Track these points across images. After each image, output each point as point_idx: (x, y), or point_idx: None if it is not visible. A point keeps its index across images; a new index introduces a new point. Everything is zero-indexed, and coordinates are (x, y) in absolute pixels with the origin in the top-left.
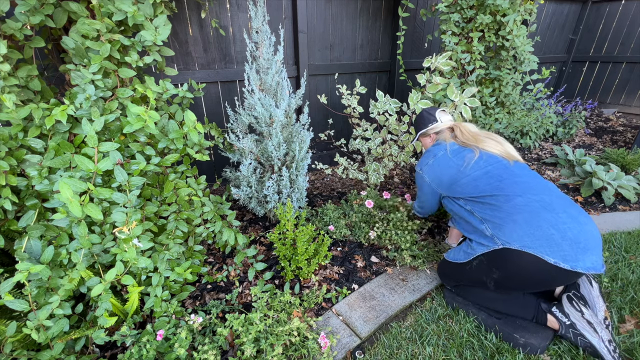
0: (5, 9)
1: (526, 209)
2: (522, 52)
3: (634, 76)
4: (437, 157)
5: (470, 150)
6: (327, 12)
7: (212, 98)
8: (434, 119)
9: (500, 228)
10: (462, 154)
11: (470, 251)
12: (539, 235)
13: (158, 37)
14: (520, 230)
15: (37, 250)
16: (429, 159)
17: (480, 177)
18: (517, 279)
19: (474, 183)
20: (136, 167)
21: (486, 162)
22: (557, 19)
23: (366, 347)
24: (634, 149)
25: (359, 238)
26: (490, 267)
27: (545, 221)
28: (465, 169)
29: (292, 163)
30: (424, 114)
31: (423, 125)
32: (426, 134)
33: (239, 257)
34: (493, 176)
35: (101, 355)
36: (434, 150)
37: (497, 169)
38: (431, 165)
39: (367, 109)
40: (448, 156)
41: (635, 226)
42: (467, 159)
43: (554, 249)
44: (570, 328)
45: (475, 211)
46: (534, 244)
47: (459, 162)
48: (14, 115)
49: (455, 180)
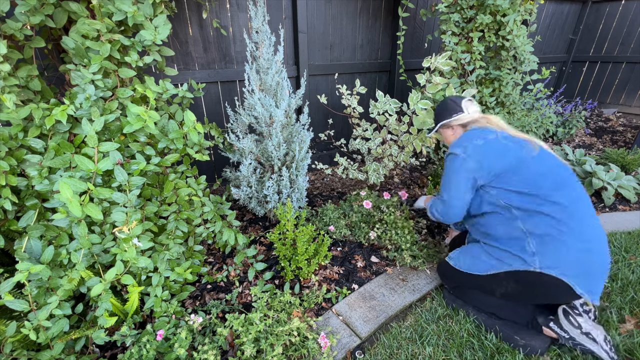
0: (5, 9)
1: (585, 235)
2: (522, 52)
3: (634, 76)
4: (488, 140)
5: (525, 140)
6: (327, 12)
7: (212, 98)
8: (460, 109)
9: (547, 246)
10: (517, 139)
11: (496, 265)
12: (584, 268)
13: (158, 37)
14: (570, 257)
15: (37, 250)
16: (475, 140)
17: (545, 174)
18: (533, 296)
19: (535, 178)
20: (136, 167)
21: (549, 160)
22: (557, 19)
23: (366, 347)
24: (634, 149)
25: (359, 238)
26: (509, 280)
27: (597, 255)
28: (526, 159)
29: (292, 163)
30: (449, 102)
31: (446, 115)
32: (448, 125)
33: (239, 257)
34: (558, 179)
35: (101, 355)
36: (481, 133)
37: (561, 172)
38: (480, 146)
39: (367, 109)
40: (500, 140)
41: (635, 226)
42: (527, 150)
43: (588, 281)
44: (569, 340)
45: (523, 220)
46: (572, 273)
47: (517, 147)
48: (14, 115)
49: (513, 168)
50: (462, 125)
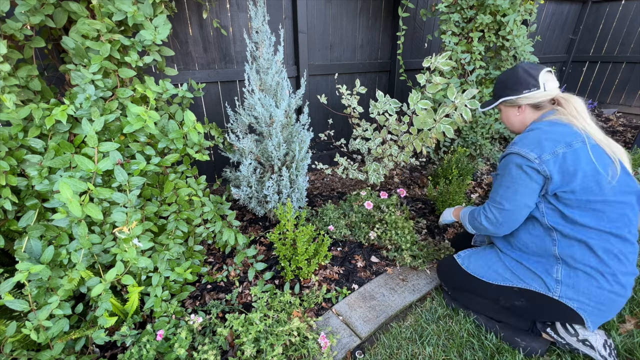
0: (5, 9)
1: (621, 279)
2: (522, 52)
3: (634, 76)
4: (574, 149)
5: (607, 154)
6: (327, 12)
7: (212, 98)
8: (535, 83)
9: (576, 278)
10: (604, 157)
11: (510, 278)
12: (606, 306)
13: (158, 37)
14: (594, 297)
15: (37, 250)
16: (557, 146)
17: (611, 207)
18: (538, 315)
19: (601, 206)
20: (136, 167)
21: (625, 191)
22: (557, 19)
23: (366, 347)
24: (633, 149)
25: (359, 238)
26: (521, 297)
27: (624, 298)
28: (606, 186)
29: (292, 163)
30: (520, 72)
31: (514, 90)
32: (514, 103)
33: (239, 257)
34: (619, 212)
35: (101, 355)
36: (565, 134)
37: (629, 207)
38: (561, 157)
39: (367, 109)
40: (588, 151)
41: None
42: (612, 171)
43: (601, 318)
44: (566, 345)
45: (559, 244)
46: (590, 309)
47: (601, 167)
48: (14, 115)
49: (583, 191)
50: (534, 106)
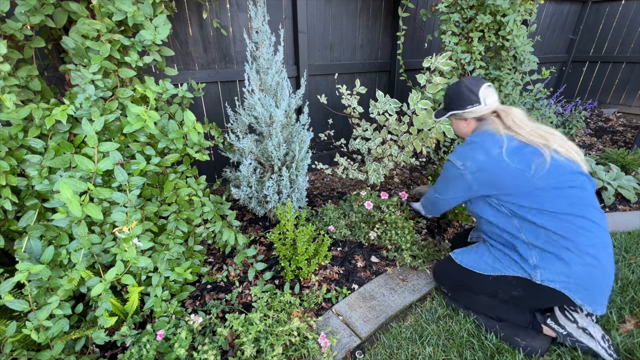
0: (5, 9)
1: (589, 250)
2: (522, 52)
3: (634, 76)
4: (492, 156)
5: (535, 149)
6: (327, 12)
7: (212, 98)
8: (476, 99)
9: (550, 262)
10: (526, 155)
11: (498, 267)
12: (586, 282)
13: (158, 37)
14: (571, 273)
15: (37, 250)
16: (477, 153)
17: (549, 192)
18: (535, 303)
19: (539, 195)
20: (136, 167)
21: (558, 173)
22: (557, 19)
23: (366, 347)
24: (634, 149)
25: (359, 238)
26: (516, 286)
27: (599, 269)
28: (532, 178)
29: (292, 163)
30: (463, 89)
31: (459, 105)
32: (461, 117)
33: (239, 257)
34: (564, 195)
35: (101, 355)
36: (485, 142)
37: (569, 187)
38: (481, 163)
39: (367, 109)
40: (505, 158)
41: (635, 226)
42: (536, 164)
43: (589, 294)
44: (567, 337)
45: (524, 231)
46: (575, 288)
47: (522, 166)
48: (14, 115)
49: (516, 188)
50: (477, 119)
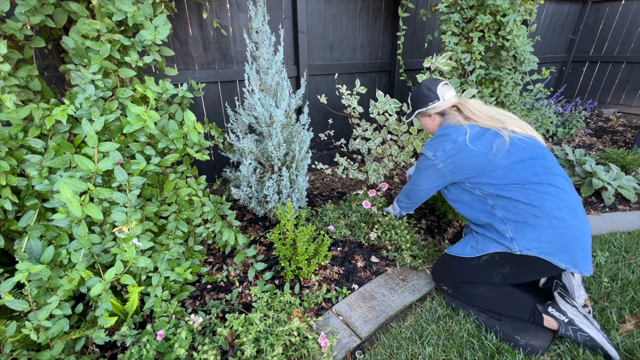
0: (6, 9)
1: (556, 213)
2: (522, 52)
3: (634, 76)
4: (458, 144)
5: (495, 132)
6: (327, 12)
7: (212, 98)
8: (435, 96)
9: (523, 231)
10: (487, 138)
11: (480, 247)
12: (559, 243)
13: (158, 37)
14: (543, 237)
15: (37, 250)
16: (445, 144)
17: (512, 167)
18: (526, 275)
19: (504, 172)
20: (136, 167)
21: (518, 149)
22: (557, 19)
23: (366, 347)
24: (634, 149)
25: (359, 238)
26: (502, 263)
27: (570, 229)
28: (495, 158)
29: (292, 163)
30: (423, 89)
31: (422, 104)
32: (426, 114)
33: (239, 257)
34: (527, 167)
35: (101, 355)
36: (451, 133)
37: (530, 159)
38: (449, 151)
39: (367, 109)
40: (469, 145)
41: (635, 226)
42: (497, 145)
43: (568, 256)
44: (569, 325)
45: (498, 208)
46: (551, 251)
47: (484, 149)
48: (14, 115)
49: (482, 169)
50: (440, 113)
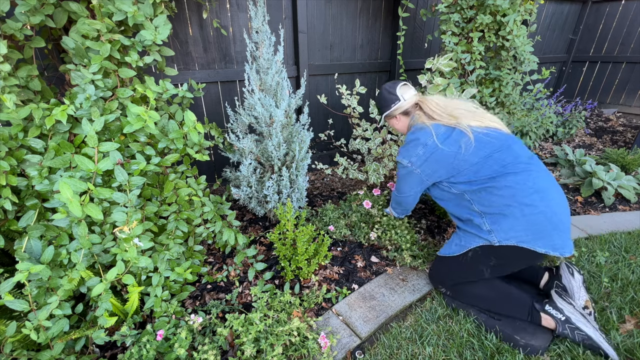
0: (6, 9)
1: (526, 201)
2: (522, 52)
3: (634, 76)
4: (428, 147)
5: (460, 132)
6: (327, 12)
7: (212, 98)
8: (396, 97)
9: (499, 223)
10: (455, 138)
11: (464, 243)
12: (534, 229)
13: (158, 37)
14: (518, 226)
15: (37, 250)
16: (417, 149)
17: (482, 163)
18: (511, 265)
19: (475, 168)
20: (136, 167)
21: (483, 144)
22: (557, 19)
23: (366, 347)
24: (634, 149)
25: (359, 238)
26: (488, 256)
27: (541, 213)
28: (465, 155)
29: (292, 163)
30: (384, 93)
31: (385, 107)
32: (391, 116)
33: (239, 257)
34: (495, 160)
35: (101, 355)
36: (420, 137)
37: (497, 152)
38: (422, 155)
39: (367, 109)
40: (438, 145)
41: (635, 226)
42: (463, 143)
43: (545, 240)
44: (566, 323)
45: (474, 202)
46: (528, 238)
47: (455, 148)
48: (14, 115)
49: (455, 168)
50: (404, 113)
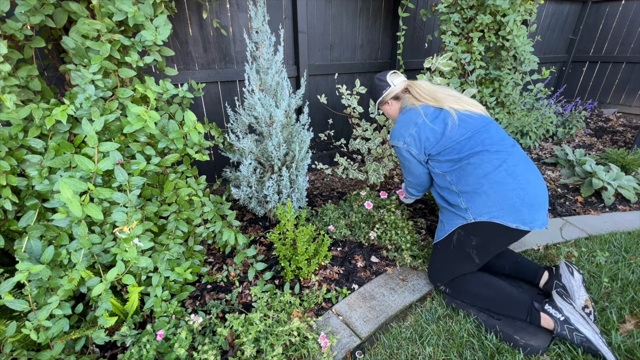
0: (6, 9)
1: (496, 178)
2: (522, 52)
3: (634, 76)
4: (419, 125)
5: (446, 112)
6: (327, 12)
7: (212, 98)
8: (387, 84)
9: (473, 201)
10: (442, 117)
11: (447, 226)
12: (504, 205)
13: (158, 37)
14: (490, 202)
15: (37, 250)
16: (409, 128)
17: (463, 142)
18: (492, 243)
19: (456, 146)
20: (136, 167)
21: (465, 124)
22: (557, 19)
23: (366, 347)
24: (634, 149)
25: (359, 238)
26: (468, 236)
27: (511, 190)
28: (451, 133)
29: (292, 163)
30: (376, 81)
31: (378, 94)
32: (384, 102)
33: (239, 257)
34: (474, 140)
35: (101, 355)
36: (411, 117)
37: (476, 132)
38: (415, 134)
39: (367, 109)
40: (427, 123)
41: (635, 226)
42: (450, 121)
43: (515, 215)
44: (565, 324)
45: (453, 183)
46: (499, 214)
47: (442, 127)
48: (14, 115)
49: (441, 145)
50: (395, 98)
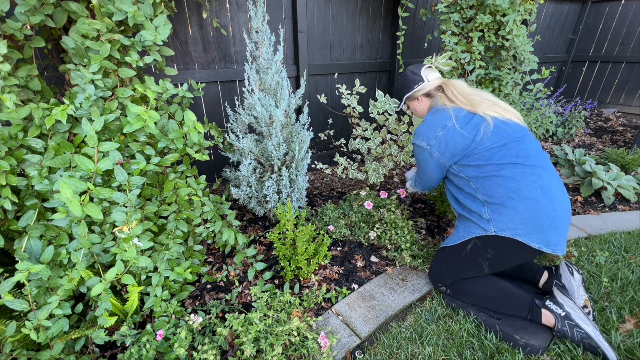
0: (6, 9)
1: (529, 195)
2: (522, 52)
3: (634, 76)
4: (448, 129)
5: (480, 117)
6: (327, 12)
7: (212, 98)
8: (420, 78)
9: (499, 213)
10: (474, 123)
11: (463, 234)
12: (532, 224)
13: (158, 37)
14: (517, 218)
15: (37, 250)
16: (436, 131)
17: (496, 150)
18: (507, 258)
19: (488, 154)
20: (136, 167)
21: (501, 132)
22: (557, 19)
23: (366, 347)
24: (634, 149)
25: (359, 238)
26: (485, 248)
27: (542, 209)
28: (482, 141)
29: (292, 163)
30: (408, 73)
31: (408, 88)
32: (413, 97)
33: (239, 257)
34: (508, 150)
35: (101, 355)
36: (441, 119)
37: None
38: (441, 138)
39: (367, 109)
40: (457, 128)
41: (635, 226)
42: (483, 128)
43: (540, 236)
44: (565, 320)
45: (479, 191)
46: (524, 232)
47: (474, 133)
48: (14, 115)
49: (470, 152)
50: (426, 95)
